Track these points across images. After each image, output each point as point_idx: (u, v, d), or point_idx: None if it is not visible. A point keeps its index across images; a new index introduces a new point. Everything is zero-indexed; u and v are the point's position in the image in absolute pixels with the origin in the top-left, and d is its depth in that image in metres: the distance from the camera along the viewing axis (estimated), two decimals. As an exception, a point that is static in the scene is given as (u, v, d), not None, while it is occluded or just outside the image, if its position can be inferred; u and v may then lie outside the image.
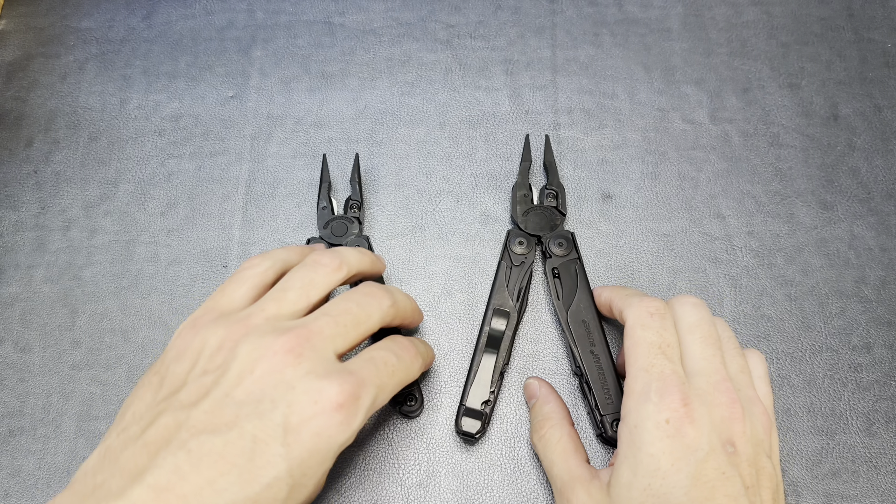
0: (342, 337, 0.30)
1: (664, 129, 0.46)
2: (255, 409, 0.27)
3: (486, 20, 0.49)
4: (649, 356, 0.31)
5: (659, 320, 0.32)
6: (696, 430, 0.29)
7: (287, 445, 0.27)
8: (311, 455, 0.27)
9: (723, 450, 0.29)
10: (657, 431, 0.29)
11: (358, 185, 0.43)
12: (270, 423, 0.27)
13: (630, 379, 0.32)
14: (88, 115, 0.47)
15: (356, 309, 0.31)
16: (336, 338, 0.30)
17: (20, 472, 0.38)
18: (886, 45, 0.48)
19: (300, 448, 0.27)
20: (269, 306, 0.30)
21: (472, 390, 0.37)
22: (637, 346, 0.32)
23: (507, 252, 0.41)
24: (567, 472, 0.33)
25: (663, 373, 0.31)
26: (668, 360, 0.31)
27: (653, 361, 0.31)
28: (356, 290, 0.33)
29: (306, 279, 0.32)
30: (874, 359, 0.40)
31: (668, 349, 0.32)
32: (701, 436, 0.29)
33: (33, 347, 0.41)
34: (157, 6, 0.51)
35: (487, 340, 0.38)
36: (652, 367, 0.31)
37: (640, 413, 0.30)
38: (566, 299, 0.39)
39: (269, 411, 0.27)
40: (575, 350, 0.38)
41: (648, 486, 0.29)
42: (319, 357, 0.29)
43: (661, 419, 0.29)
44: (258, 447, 0.27)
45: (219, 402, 0.27)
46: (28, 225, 0.44)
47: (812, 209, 0.43)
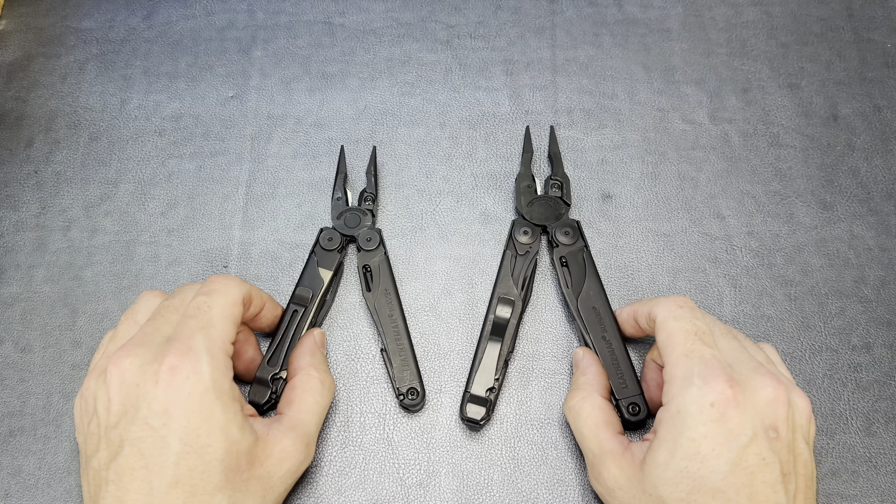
0: (165, 322, 0.33)
1: (664, 130, 0.46)
2: (129, 420, 0.30)
3: (486, 20, 0.49)
4: (687, 342, 0.31)
5: (689, 311, 0.33)
6: (741, 414, 0.29)
7: (164, 427, 0.29)
8: (189, 420, 0.29)
9: (765, 435, 0.29)
10: (701, 415, 0.29)
11: (373, 178, 0.43)
12: (142, 422, 0.29)
13: (670, 366, 0.31)
14: (89, 115, 0.47)
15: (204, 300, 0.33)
16: (160, 327, 0.32)
17: (21, 472, 0.38)
18: (886, 45, 0.48)
19: (176, 423, 0.29)
20: (108, 348, 0.34)
21: (477, 377, 0.38)
22: (673, 335, 0.32)
23: (512, 241, 0.41)
24: (598, 445, 0.33)
25: (704, 356, 0.31)
26: (707, 345, 0.31)
27: (692, 347, 0.31)
28: (201, 287, 0.34)
29: (126, 315, 0.36)
30: (874, 359, 0.40)
31: (704, 335, 0.32)
32: (745, 420, 0.29)
33: (34, 347, 0.41)
34: (157, 6, 0.51)
35: (492, 328, 0.39)
36: (692, 353, 0.31)
37: (684, 398, 0.30)
38: (575, 287, 0.40)
39: (136, 414, 0.30)
40: (587, 337, 0.38)
41: (685, 468, 0.29)
42: (144, 349, 0.31)
43: (705, 403, 0.29)
44: (145, 447, 0.29)
45: (106, 437, 0.30)
46: (28, 225, 0.44)
47: (812, 209, 0.43)
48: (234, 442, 0.30)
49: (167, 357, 0.30)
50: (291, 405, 0.35)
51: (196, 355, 0.30)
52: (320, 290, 0.40)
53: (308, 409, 0.34)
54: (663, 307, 0.33)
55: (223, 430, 0.30)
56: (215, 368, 0.31)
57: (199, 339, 0.31)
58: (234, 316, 0.33)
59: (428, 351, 0.40)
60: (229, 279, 0.34)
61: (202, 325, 0.32)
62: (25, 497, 0.37)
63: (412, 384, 0.38)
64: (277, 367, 0.38)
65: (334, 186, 0.43)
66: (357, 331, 0.41)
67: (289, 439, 0.33)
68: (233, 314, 0.33)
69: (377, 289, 0.40)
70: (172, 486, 0.29)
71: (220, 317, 0.32)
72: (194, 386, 0.30)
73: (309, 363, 0.36)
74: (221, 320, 0.32)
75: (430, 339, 0.40)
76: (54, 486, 0.38)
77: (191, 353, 0.30)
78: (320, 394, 0.35)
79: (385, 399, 0.39)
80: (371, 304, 0.40)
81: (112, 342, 0.34)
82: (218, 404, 0.30)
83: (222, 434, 0.30)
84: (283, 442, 0.33)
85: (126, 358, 0.31)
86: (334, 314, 0.41)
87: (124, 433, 0.29)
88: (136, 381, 0.30)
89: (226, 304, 0.33)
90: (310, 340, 0.38)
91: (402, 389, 0.38)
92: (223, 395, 0.31)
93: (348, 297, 0.42)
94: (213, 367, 0.31)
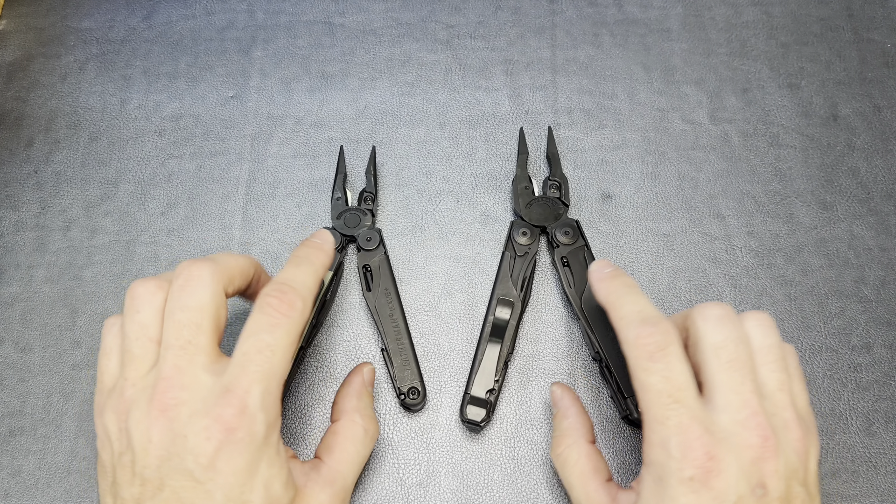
0: (195, 352, 0.29)
1: (664, 130, 0.46)
2: (171, 467, 0.28)
3: (486, 20, 0.49)
4: (661, 407, 0.29)
5: (661, 359, 0.29)
6: (724, 480, 0.28)
7: (210, 482, 0.28)
8: (236, 477, 0.28)
9: (752, 494, 0.28)
10: (682, 487, 0.28)
11: (373, 178, 0.43)
12: (186, 473, 0.28)
13: (646, 427, 0.29)
14: (89, 115, 0.47)
15: (186, 316, 0.30)
16: (193, 358, 0.29)
17: (20, 472, 0.38)
18: (886, 46, 0.48)
19: (223, 479, 0.28)
20: (129, 373, 0.30)
21: (477, 379, 0.38)
22: (645, 393, 0.29)
23: (511, 242, 0.41)
24: (586, 496, 0.32)
25: (680, 424, 0.28)
26: (682, 405, 0.28)
27: (666, 413, 0.28)
28: (173, 292, 0.30)
29: (131, 329, 0.31)
30: (874, 359, 0.40)
31: (679, 393, 0.29)
32: (728, 486, 0.28)
33: (34, 347, 0.41)
34: (157, 6, 0.51)
35: (492, 329, 0.39)
36: (667, 420, 0.28)
37: (664, 468, 0.28)
38: (578, 287, 0.40)
39: (180, 464, 0.28)
40: (592, 336, 0.38)
41: None
42: (191, 394, 0.29)
43: (684, 476, 0.28)
44: (186, 495, 0.28)
45: (141, 475, 0.28)
46: (28, 225, 0.44)
47: (812, 209, 0.43)
48: (275, 499, 0.29)
49: (223, 416, 0.28)
50: (332, 453, 0.33)
51: (253, 416, 0.28)
52: (320, 291, 0.40)
53: (349, 459, 0.33)
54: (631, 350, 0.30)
55: (266, 487, 0.29)
56: (269, 425, 0.29)
57: (255, 394, 0.28)
58: (294, 354, 0.30)
59: (428, 351, 0.40)
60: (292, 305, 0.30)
61: (261, 378, 0.28)
62: (25, 497, 0.37)
63: (413, 384, 0.38)
64: None
65: (334, 186, 0.44)
66: (357, 331, 0.41)
67: (326, 495, 0.32)
68: (294, 353, 0.30)
69: (377, 289, 0.40)
70: None
71: (282, 363, 0.29)
72: (247, 446, 0.28)
73: (355, 407, 0.34)
74: (283, 367, 0.29)
75: (430, 339, 0.40)
76: (54, 486, 0.38)
77: (247, 412, 0.28)
78: (363, 444, 0.34)
79: (385, 399, 0.39)
80: (371, 303, 0.40)
81: (125, 362, 0.31)
82: (265, 460, 0.29)
83: (265, 491, 0.29)
84: (320, 497, 0.31)
85: (174, 407, 0.28)
86: (334, 314, 0.41)
87: (165, 478, 0.28)
88: (185, 432, 0.28)
89: (291, 341, 0.30)
90: (358, 380, 0.36)
91: (402, 389, 0.38)
92: (270, 450, 0.29)
93: (348, 297, 0.42)
94: (268, 424, 0.29)
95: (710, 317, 0.30)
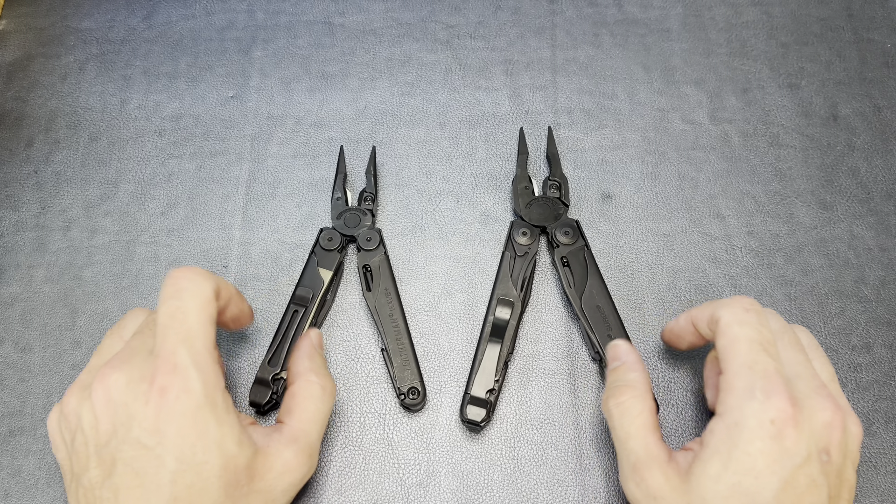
0: (145, 338, 0.32)
1: (664, 130, 0.46)
2: (120, 439, 0.29)
3: (486, 20, 0.49)
4: (752, 352, 0.30)
5: (756, 316, 0.31)
6: (798, 433, 0.29)
7: (159, 446, 0.28)
8: (183, 438, 0.29)
9: (818, 458, 0.29)
10: (760, 430, 0.29)
11: (373, 178, 0.43)
12: (134, 442, 0.29)
13: (730, 375, 0.30)
14: (89, 115, 0.47)
15: None
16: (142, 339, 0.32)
17: (20, 472, 0.38)
18: (886, 45, 0.48)
19: (170, 441, 0.28)
20: (90, 366, 0.33)
21: (477, 379, 0.38)
22: (737, 342, 0.31)
23: (511, 242, 0.41)
24: (645, 449, 0.32)
25: (767, 370, 0.30)
26: (771, 357, 0.30)
27: (756, 358, 0.30)
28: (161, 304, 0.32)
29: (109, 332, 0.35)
30: (874, 359, 0.40)
31: (769, 346, 0.30)
32: (801, 441, 0.29)
33: (34, 347, 0.41)
34: (157, 6, 0.51)
35: (492, 330, 0.39)
36: (756, 364, 0.30)
37: (744, 410, 0.29)
38: (578, 287, 0.40)
39: (127, 434, 0.29)
40: (592, 336, 0.38)
41: (738, 483, 0.29)
42: (128, 364, 0.30)
43: (765, 418, 0.29)
44: (139, 465, 0.29)
45: (96, 455, 0.29)
46: (28, 225, 0.44)
47: (812, 209, 0.43)
48: (231, 457, 0.29)
49: (155, 378, 0.29)
50: (292, 414, 0.33)
51: (184, 372, 0.29)
52: (320, 290, 0.40)
53: (309, 417, 0.33)
54: (728, 309, 0.32)
55: (219, 446, 0.29)
56: (205, 382, 0.29)
57: (182, 353, 0.29)
58: (211, 316, 0.31)
59: (428, 351, 0.40)
60: (194, 273, 0.32)
61: (182, 338, 0.30)
62: (25, 497, 0.37)
63: (413, 384, 0.38)
64: (278, 368, 0.38)
65: (334, 186, 0.43)
66: (357, 331, 0.41)
67: (290, 452, 0.32)
68: (210, 315, 0.31)
69: (377, 289, 0.40)
70: (171, 503, 0.28)
71: (198, 322, 0.31)
72: (185, 404, 0.29)
73: (308, 368, 0.35)
74: (200, 326, 0.31)
75: (430, 339, 0.40)
76: (54, 486, 0.38)
77: (177, 370, 0.29)
78: (321, 400, 0.34)
79: (385, 399, 0.39)
80: (371, 303, 0.40)
81: (96, 357, 0.34)
82: (212, 419, 0.29)
83: (218, 450, 0.29)
84: (284, 455, 0.32)
85: (111, 375, 0.30)
86: (334, 314, 0.41)
87: (116, 452, 0.29)
88: (125, 399, 0.29)
89: (200, 305, 0.31)
90: (307, 343, 0.36)
91: (402, 389, 0.38)
92: (216, 409, 0.30)
93: (348, 297, 0.42)
94: (203, 381, 0.29)
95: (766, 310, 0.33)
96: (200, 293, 0.31)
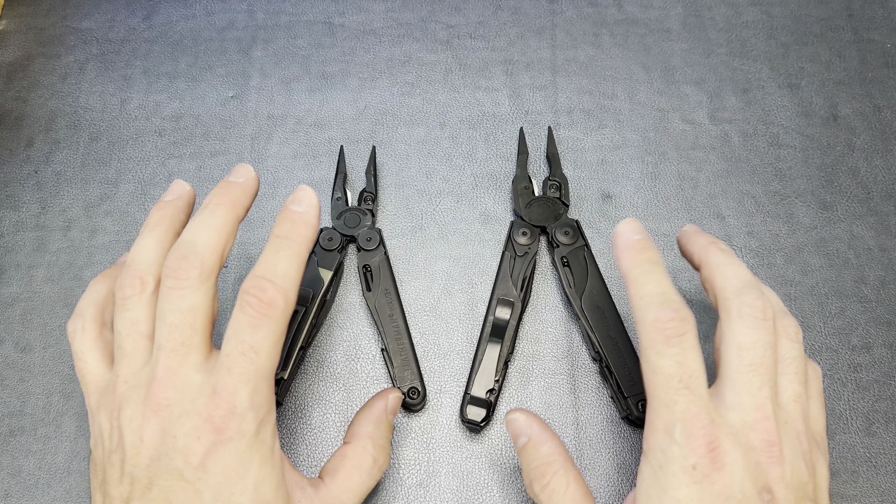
0: (187, 352, 0.29)
1: (664, 130, 0.46)
2: (160, 467, 0.28)
3: (486, 20, 0.49)
4: (669, 391, 0.28)
5: (677, 345, 0.28)
6: (727, 476, 0.27)
7: (200, 481, 0.28)
8: (225, 477, 0.28)
9: (758, 497, 0.27)
10: (684, 476, 0.27)
11: (373, 178, 0.43)
12: (176, 473, 0.28)
13: (651, 412, 0.28)
14: (89, 115, 0.47)
15: (178, 318, 0.29)
16: (185, 359, 0.29)
17: (20, 472, 0.38)
18: (886, 45, 0.48)
19: (212, 479, 0.28)
20: (121, 371, 0.30)
21: (477, 379, 0.38)
22: (655, 376, 0.28)
23: (511, 242, 0.41)
24: None
25: (688, 411, 0.27)
26: (692, 392, 0.27)
27: (674, 398, 0.27)
28: (164, 293, 0.30)
29: (125, 321, 0.30)
30: (874, 359, 0.40)
31: (690, 380, 0.28)
32: (732, 482, 0.27)
33: (34, 347, 0.41)
34: (157, 6, 0.51)
35: (492, 330, 0.39)
36: (674, 405, 0.27)
37: (665, 454, 0.27)
38: (578, 287, 0.40)
39: (169, 463, 0.28)
40: (592, 336, 0.38)
41: None
42: (181, 395, 0.28)
43: (687, 464, 0.27)
44: (175, 494, 0.28)
45: (131, 474, 0.28)
46: (28, 225, 0.44)
47: (812, 209, 0.43)
48: (264, 502, 0.28)
49: (213, 417, 0.28)
50: (335, 477, 0.32)
51: (242, 415, 0.28)
52: (320, 290, 0.40)
53: (351, 487, 0.32)
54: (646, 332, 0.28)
55: (256, 488, 0.28)
56: (260, 422, 0.28)
57: (243, 395, 0.28)
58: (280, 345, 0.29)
59: (428, 351, 0.40)
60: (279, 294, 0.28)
61: (247, 379, 0.28)
62: (25, 497, 0.37)
63: (413, 384, 0.38)
64: (278, 368, 0.38)
65: (334, 186, 0.44)
66: (357, 331, 0.41)
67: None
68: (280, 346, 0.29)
69: (377, 289, 0.40)
70: None
71: (268, 359, 0.28)
72: (237, 445, 0.28)
73: (369, 434, 0.33)
74: (269, 362, 0.28)
75: (431, 340, 0.40)
76: (54, 486, 0.38)
77: (236, 412, 0.28)
78: (369, 474, 0.32)
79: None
80: (371, 303, 0.40)
81: (117, 358, 0.30)
82: (257, 459, 0.28)
83: (254, 491, 0.28)
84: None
85: (165, 408, 0.28)
86: (334, 314, 0.41)
87: (154, 477, 0.28)
88: (175, 432, 0.28)
89: (275, 340, 0.29)
90: (380, 406, 0.34)
91: (402, 389, 0.38)
92: (263, 448, 0.29)
93: (348, 297, 0.42)
94: (258, 421, 0.28)
95: (746, 314, 0.29)
96: (277, 328, 0.29)
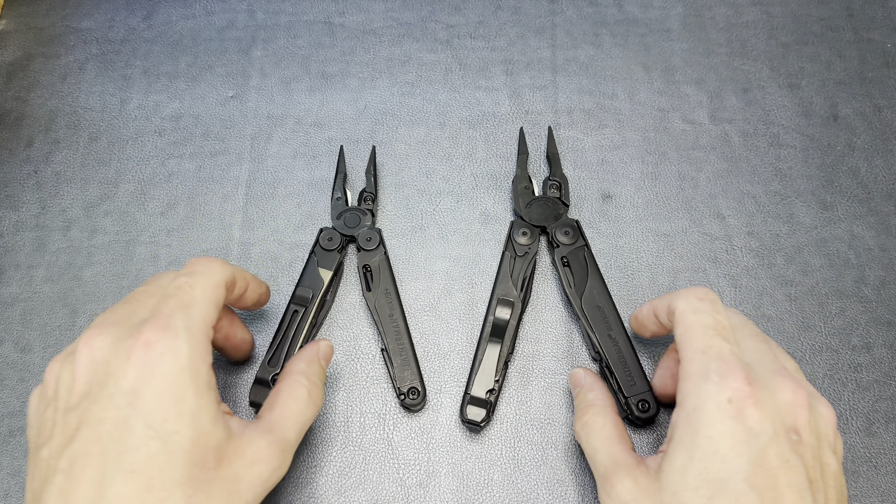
0: None
1: (664, 129, 0.46)
2: (91, 401, 0.28)
3: (486, 20, 0.49)
4: (705, 338, 0.30)
5: (710, 304, 0.31)
6: (760, 411, 0.28)
7: (129, 406, 0.27)
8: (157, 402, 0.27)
9: (786, 436, 0.28)
10: (718, 412, 0.28)
11: (373, 178, 0.43)
12: (107, 400, 0.27)
13: (686, 363, 0.30)
14: (89, 115, 0.47)
15: None
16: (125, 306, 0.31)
17: (20, 472, 0.38)
18: (886, 45, 0.48)
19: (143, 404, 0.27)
20: None
21: (477, 379, 0.38)
22: (691, 330, 0.31)
23: (511, 242, 0.41)
24: (611, 459, 0.32)
25: (722, 353, 0.29)
26: (726, 340, 0.30)
27: (710, 343, 0.30)
28: None
29: None
30: (874, 359, 0.40)
31: (723, 331, 0.30)
32: (764, 418, 0.28)
33: (34, 347, 0.41)
34: (157, 6, 0.51)
35: (492, 330, 0.39)
36: (710, 349, 0.30)
37: (700, 394, 0.29)
38: (578, 287, 0.40)
39: (101, 393, 0.27)
40: (592, 336, 0.38)
41: (705, 470, 0.28)
42: (117, 326, 0.29)
43: (722, 399, 0.28)
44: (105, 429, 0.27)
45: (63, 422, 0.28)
46: (28, 225, 0.44)
47: (812, 209, 0.43)
48: (203, 433, 0.28)
49: (143, 333, 0.28)
50: (273, 409, 0.32)
51: (174, 332, 0.28)
52: (320, 290, 0.40)
53: (290, 415, 0.32)
54: (683, 300, 0.32)
55: (193, 418, 0.28)
56: (193, 349, 0.28)
57: (178, 316, 0.29)
58: (216, 298, 0.31)
59: (428, 351, 0.40)
60: (212, 261, 0.32)
61: (182, 304, 0.29)
62: (25, 497, 0.37)
63: (413, 384, 0.38)
64: (278, 368, 0.38)
65: (334, 186, 0.44)
66: (357, 331, 0.41)
67: (264, 441, 0.30)
68: (215, 296, 0.31)
69: (377, 289, 0.40)
70: (128, 476, 0.26)
71: (203, 298, 0.30)
72: (169, 364, 0.27)
73: (302, 370, 0.34)
74: (203, 301, 0.30)
75: (430, 339, 0.40)
76: (54, 486, 0.38)
77: (169, 329, 0.28)
78: (305, 404, 0.33)
79: (385, 399, 0.39)
80: (371, 303, 0.40)
81: None
82: (191, 388, 0.28)
83: (192, 422, 0.27)
84: (257, 443, 0.30)
85: (98, 336, 0.29)
86: (334, 314, 0.41)
87: (84, 414, 0.27)
88: (107, 357, 0.28)
89: (208, 285, 0.31)
90: (312, 349, 0.35)
91: (402, 389, 0.38)
92: (198, 380, 0.28)
93: (348, 297, 0.42)
94: (192, 346, 0.28)
95: (727, 308, 0.33)
96: (211, 275, 0.32)
